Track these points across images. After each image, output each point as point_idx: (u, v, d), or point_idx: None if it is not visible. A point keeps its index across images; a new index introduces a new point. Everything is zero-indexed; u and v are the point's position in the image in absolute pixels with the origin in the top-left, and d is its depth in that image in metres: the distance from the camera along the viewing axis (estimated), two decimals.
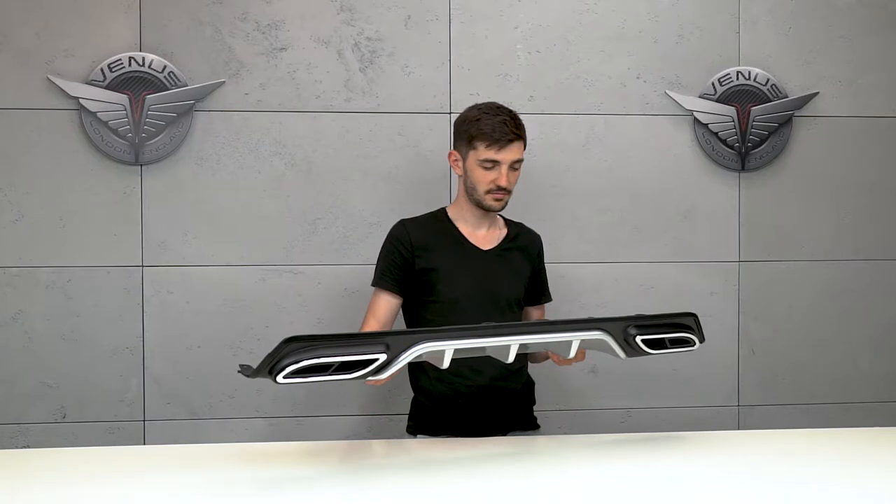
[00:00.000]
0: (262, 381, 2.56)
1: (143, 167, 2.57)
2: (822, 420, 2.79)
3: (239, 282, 2.61)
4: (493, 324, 1.71)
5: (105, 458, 1.84)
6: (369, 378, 1.60)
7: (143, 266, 2.57)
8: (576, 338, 1.74)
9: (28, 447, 2.51)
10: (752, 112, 2.74)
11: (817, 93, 2.77)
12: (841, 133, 2.80)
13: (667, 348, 1.82)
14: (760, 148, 2.75)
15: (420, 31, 2.66)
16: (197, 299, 2.59)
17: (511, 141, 2.08)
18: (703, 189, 2.76)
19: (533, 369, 2.35)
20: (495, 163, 2.09)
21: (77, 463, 1.77)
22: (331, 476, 1.66)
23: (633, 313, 1.85)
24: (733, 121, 2.73)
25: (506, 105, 2.59)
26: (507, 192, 2.11)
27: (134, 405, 2.58)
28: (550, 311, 2.50)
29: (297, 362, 1.51)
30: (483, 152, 2.09)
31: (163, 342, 2.59)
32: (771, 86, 2.74)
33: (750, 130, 2.74)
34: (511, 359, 1.68)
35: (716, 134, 2.73)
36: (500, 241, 2.22)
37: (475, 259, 2.17)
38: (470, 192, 2.15)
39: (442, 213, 2.25)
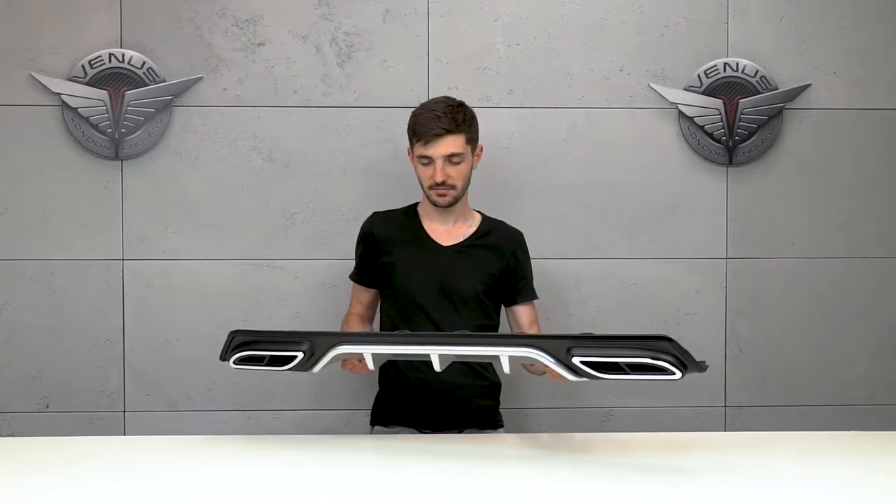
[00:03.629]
0: (240, 375, 2.62)
1: (124, 162, 2.61)
2: (815, 423, 2.70)
3: (217, 276, 2.63)
4: (409, 332, 1.73)
5: (85, 448, 1.88)
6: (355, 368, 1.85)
7: (123, 259, 2.61)
8: (503, 353, 1.63)
9: (13, 435, 2.58)
10: (739, 105, 2.66)
11: (809, 84, 2.68)
12: (835, 126, 2.71)
13: (625, 373, 1.53)
14: (749, 141, 2.68)
15: (398, 26, 2.64)
16: (176, 293, 2.63)
17: (439, 136, 2.06)
18: (688, 184, 2.69)
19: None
20: (429, 158, 2.08)
21: (58, 452, 1.81)
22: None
23: (589, 332, 1.79)
24: (720, 114, 2.66)
25: (485, 98, 2.64)
26: (451, 186, 2.10)
27: (114, 396, 2.63)
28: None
29: (239, 351, 1.77)
30: (418, 148, 2.11)
31: (142, 335, 2.63)
32: (760, 77, 2.66)
33: (738, 124, 2.67)
34: (438, 368, 1.67)
35: (702, 127, 2.67)
36: (465, 237, 2.21)
37: (433, 255, 2.17)
38: (421, 188, 2.15)
39: (413, 207, 2.28)
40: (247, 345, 1.78)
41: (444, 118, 2.06)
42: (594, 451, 1.82)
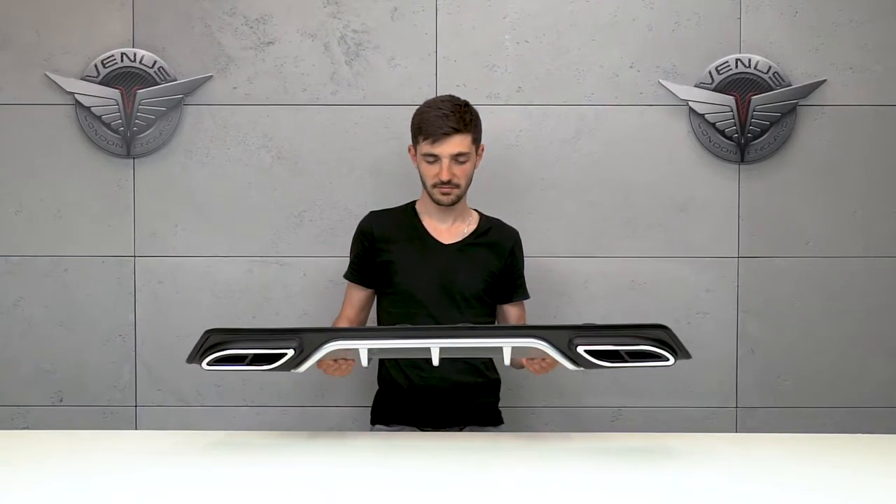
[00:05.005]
0: (250, 371, 2.63)
1: (135, 160, 2.64)
2: (828, 425, 2.65)
3: (226, 273, 2.66)
4: (408, 326, 1.71)
5: (98, 443, 1.92)
6: (331, 370, 1.79)
7: (135, 256, 2.65)
8: (506, 344, 1.63)
9: (27, 429, 2.63)
10: (751, 101, 2.62)
11: (824, 80, 2.63)
12: (851, 123, 2.66)
13: (625, 361, 1.58)
14: (761, 139, 2.64)
15: (406, 23, 2.64)
16: (186, 289, 2.66)
17: (447, 135, 2.06)
18: (699, 181, 2.66)
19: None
20: (435, 157, 2.08)
21: (72, 446, 1.85)
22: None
23: (595, 321, 1.77)
24: (732, 111, 2.63)
25: (494, 95, 2.63)
26: (455, 185, 2.10)
27: (126, 391, 2.66)
28: (539, 306, 2.46)
29: (216, 351, 1.63)
30: (424, 146, 2.10)
31: (153, 330, 2.66)
32: (773, 73, 2.62)
33: (750, 121, 2.63)
34: (435, 362, 1.66)
35: (713, 125, 2.63)
36: (465, 235, 2.21)
37: (434, 253, 2.17)
38: (423, 186, 2.15)
39: (411, 206, 2.28)
40: (223, 344, 1.63)
41: (453, 117, 2.06)
42: (596, 450, 1.80)
